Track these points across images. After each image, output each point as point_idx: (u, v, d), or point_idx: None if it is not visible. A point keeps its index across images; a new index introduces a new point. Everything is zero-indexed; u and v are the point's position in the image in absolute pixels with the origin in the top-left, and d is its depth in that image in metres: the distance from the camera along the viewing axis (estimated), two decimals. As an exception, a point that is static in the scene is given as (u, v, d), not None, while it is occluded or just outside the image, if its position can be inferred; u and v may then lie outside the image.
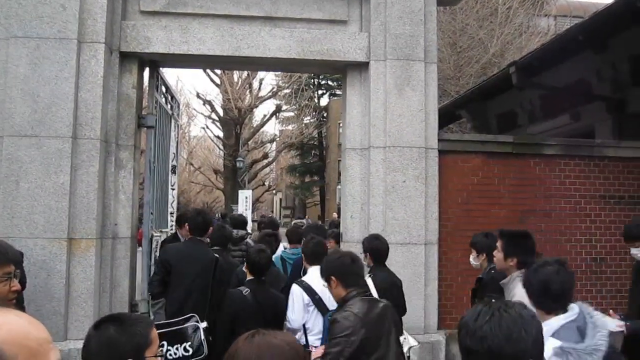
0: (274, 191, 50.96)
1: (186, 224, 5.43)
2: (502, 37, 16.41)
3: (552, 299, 2.47)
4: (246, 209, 18.94)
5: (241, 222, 7.59)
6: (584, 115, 8.50)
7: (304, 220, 20.61)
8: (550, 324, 2.36)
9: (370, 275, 4.27)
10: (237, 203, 20.84)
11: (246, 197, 19.96)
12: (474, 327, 1.53)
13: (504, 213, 5.88)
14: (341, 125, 6.99)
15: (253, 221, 20.97)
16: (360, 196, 5.59)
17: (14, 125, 4.83)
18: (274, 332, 1.57)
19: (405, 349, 3.65)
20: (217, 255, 4.90)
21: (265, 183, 40.69)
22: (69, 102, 4.89)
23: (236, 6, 5.53)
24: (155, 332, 1.87)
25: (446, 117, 11.16)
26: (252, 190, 27.46)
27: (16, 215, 4.76)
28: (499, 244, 3.66)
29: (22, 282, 4.31)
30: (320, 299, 4.12)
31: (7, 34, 4.91)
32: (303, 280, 4.28)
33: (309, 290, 4.16)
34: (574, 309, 2.44)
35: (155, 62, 5.81)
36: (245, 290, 4.04)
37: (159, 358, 1.84)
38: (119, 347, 1.76)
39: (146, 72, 5.90)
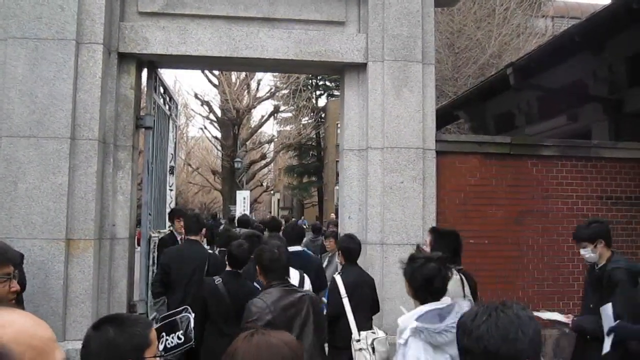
0: (272, 192, 50.90)
1: (180, 217, 5.85)
2: (499, 38, 16.44)
3: (431, 292, 2.76)
4: (244, 210, 18.92)
5: (245, 222, 7.94)
6: (581, 116, 8.53)
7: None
8: (419, 310, 2.72)
9: (340, 274, 4.49)
10: (235, 204, 20.83)
11: (244, 198, 19.95)
12: (471, 326, 1.54)
13: (501, 214, 5.90)
14: (339, 126, 7.00)
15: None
16: (358, 197, 5.60)
17: (12, 126, 4.83)
18: (273, 331, 1.58)
19: (369, 341, 3.99)
20: (210, 252, 5.02)
21: (264, 184, 40.68)
22: (67, 102, 4.90)
23: (234, 7, 5.54)
24: (154, 333, 1.87)
25: (444, 118, 11.18)
26: (250, 190, 27.44)
27: (14, 216, 4.76)
28: (428, 238, 4.04)
29: (22, 284, 4.31)
30: None
31: (5, 34, 4.92)
32: None
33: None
34: (446, 301, 2.74)
35: (153, 63, 5.82)
36: (217, 280, 4.23)
37: (159, 358, 1.84)
38: (118, 347, 1.76)
39: (144, 73, 5.91)
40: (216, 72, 23.59)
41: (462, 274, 3.84)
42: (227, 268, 4.36)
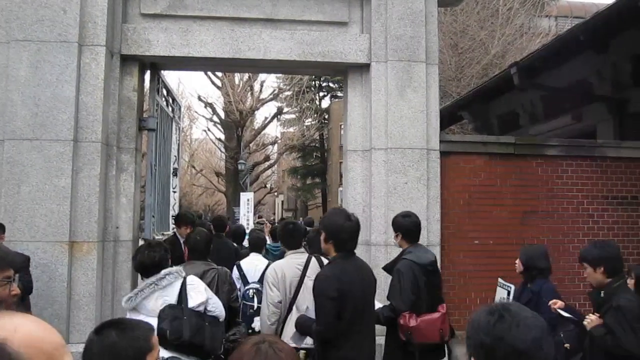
0: (275, 193, 50.99)
1: (187, 226, 5.71)
2: (503, 38, 16.40)
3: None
4: (248, 212, 18.92)
5: (240, 234, 8.15)
6: (586, 116, 8.49)
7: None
8: None
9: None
10: (238, 205, 20.81)
11: (248, 200, 19.92)
12: (487, 326, 1.53)
13: (506, 214, 5.87)
14: (342, 127, 6.99)
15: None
16: (362, 198, 5.58)
17: (15, 129, 4.83)
18: (280, 341, 1.54)
19: None
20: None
21: (267, 185, 40.76)
22: (70, 105, 4.89)
23: (236, 8, 5.53)
24: (155, 338, 1.87)
25: (447, 118, 11.14)
26: (254, 192, 27.45)
27: (17, 218, 4.76)
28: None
29: (29, 287, 4.30)
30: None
31: (7, 37, 4.92)
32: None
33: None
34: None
35: (156, 64, 5.81)
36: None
37: None
38: (120, 352, 1.76)
39: (147, 75, 5.90)
40: (219, 74, 23.61)
41: None
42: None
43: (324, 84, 40.19)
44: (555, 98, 9.01)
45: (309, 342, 3.71)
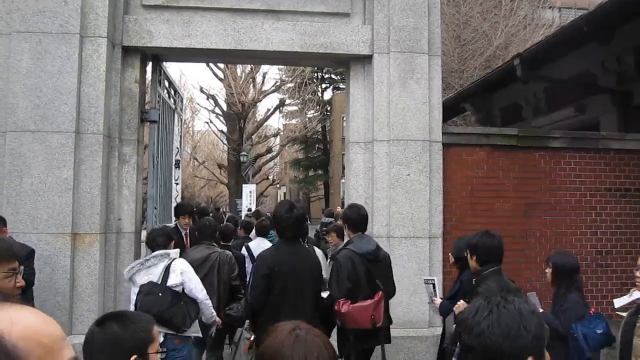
0: (278, 185, 50.98)
1: (184, 216, 6.04)
2: (506, 30, 16.31)
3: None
4: (250, 203, 18.96)
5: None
6: (589, 108, 8.44)
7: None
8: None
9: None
10: (241, 197, 20.83)
11: (250, 192, 19.95)
12: (472, 323, 1.51)
13: (509, 206, 5.85)
14: (345, 119, 6.98)
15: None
16: (364, 190, 5.57)
17: (17, 121, 4.82)
18: (312, 327, 1.52)
19: None
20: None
21: (270, 177, 40.71)
22: (71, 97, 4.88)
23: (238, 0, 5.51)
24: (156, 329, 1.87)
25: (450, 110, 11.10)
26: (256, 184, 27.47)
27: (20, 210, 4.76)
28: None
29: (30, 280, 4.30)
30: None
31: (9, 28, 4.91)
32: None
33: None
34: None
35: (157, 56, 5.79)
36: None
37: (160, 355, 1.84)
38: (122, 343, 1.76)
39: (149, 67, 5.89)
40: (221, 66, 23.55)
41: None
42: None
43: (326, 76, 40.13)
44: (559, 90, 8.96)
45: None
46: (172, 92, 6.90)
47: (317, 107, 35.38)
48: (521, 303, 1.52)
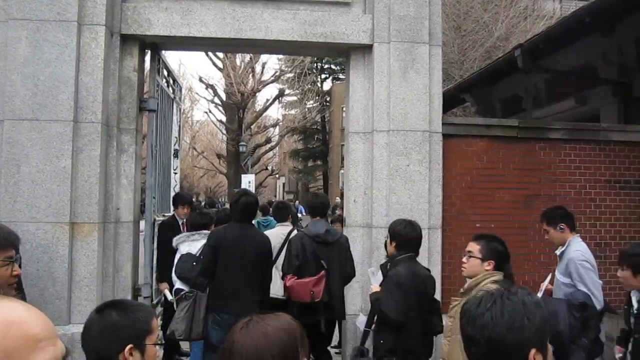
0: (277, 175, 51.02)
1: (184, 206, 6.30)
2: (506, 21, 16.24)
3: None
4: (249, 194, 19.00)
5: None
6: (590, 99, 8.42)
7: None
8: None
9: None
10: (240, 187, 20.84)
11: (249, 182, 19.98)
12: (475, 314, 1.49)
13: (509, 197, 5.84)
14: (344, 109, 6.96)
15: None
16: (364, 180, 5.55)
17: (15, 109, 4.79)
18: (269, 317, 1.54)
19: None
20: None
21: (269, 167, 40.71)
22: (69, 85, 4.85)
23: (238, -12, 5.45)
24: (156, 321, 1.87)
25: (450, 101, 11.08)
26: (255, 174, 27.48)
27: (18, 199, 4.74)
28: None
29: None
30: None
31: (6, 16, 4.85)
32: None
33: None
34: None
35: (156, 44, 5.75)
36: None
37: (158, 346, 1.83)
38: (120, 332, 1.75)
39: (147, 56, 5.84)
40: (220, 56, 23.46)
41: None
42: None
43: (326, 66, 40.02)
44: (559, 81, 8.93)
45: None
46: (171, 81, 6.86)
47: (317, 98, 35.34)
48: (525, 295, 1.51)
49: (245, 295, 4.46)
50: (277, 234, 5.71)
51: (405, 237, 3.93)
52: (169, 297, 5.64)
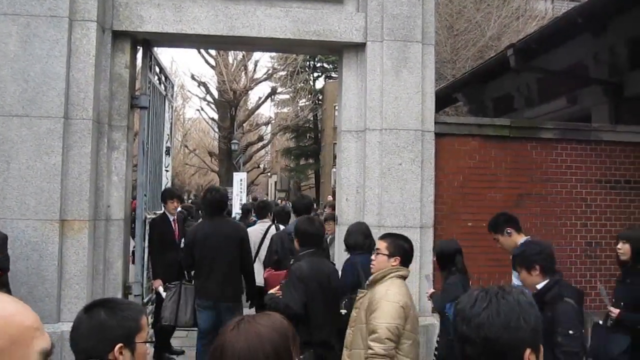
0: (269, 174, 50.90)
1: (173, 199, 6.42)
2: (499, 21, 16.28)
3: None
4: (241, 192, 18.88)
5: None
6: (581, 99, 8.46)
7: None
8: None
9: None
10: (232, 185, 20.76)
11: (241, 180, 19.85)
12: (470, 314, 1.48)
13: (500, 196, 5.86)
14: (337, 108, 6.98)
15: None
16: (356, 179, 5.54)
17: (4, 105, 4.74)
18: (259, 316, 1.53)
19: None
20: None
21: (260, 166, 40.63)
22: (60, 81, 4.81)
23: (231, -15, 5.42)
24: (145, 319, 1.85)
25: (443, 100, 11.09)
26: (247, 172, 27.39)
27: (7, 196, 4.70)
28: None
29: (5, 267, 4.21)
30: None
31: (-4, 11, 4.81)
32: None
33: None
34: None
35: (148, 41, 5.70)
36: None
37: (148, 344, 1.82)
38: (109, 331, 1.74)
39: (139, 53, 5.81)
40: (213, 53, 23.38)
41: None
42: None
43: (319, 65, 40.00)
44: (551, 81, 8.97)
45: None
46: (163, 78, 6.82)
47: (309, 96, 35.31)
48: (519, 294, 1.50)
49: (224, 281, 5.11)
50: (257, 230, 6.74)
51: (304, 233, 4.13)
52: (163, 294, 5.63)
